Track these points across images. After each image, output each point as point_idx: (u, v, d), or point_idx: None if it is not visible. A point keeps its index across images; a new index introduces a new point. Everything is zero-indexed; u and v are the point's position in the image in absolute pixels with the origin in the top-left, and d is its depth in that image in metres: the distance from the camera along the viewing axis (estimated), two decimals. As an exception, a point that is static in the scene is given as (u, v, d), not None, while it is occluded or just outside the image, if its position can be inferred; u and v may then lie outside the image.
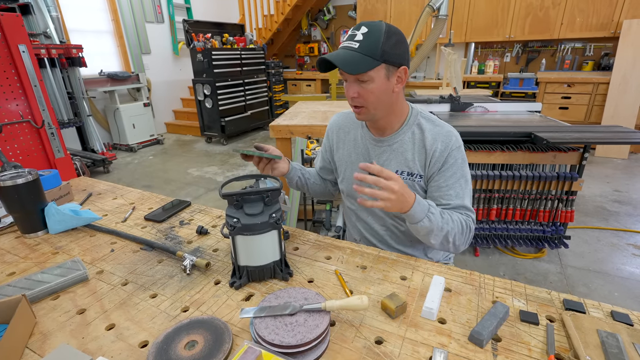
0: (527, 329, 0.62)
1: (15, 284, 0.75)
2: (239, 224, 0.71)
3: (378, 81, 0.83)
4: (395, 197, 0.75)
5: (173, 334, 0.61)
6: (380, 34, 0.80)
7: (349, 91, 0.87)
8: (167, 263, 0.85)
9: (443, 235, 0.83)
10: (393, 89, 0.87)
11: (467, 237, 0.88)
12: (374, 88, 0.84)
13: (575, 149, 1.85)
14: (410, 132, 0.95)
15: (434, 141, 0.91)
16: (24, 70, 2.08)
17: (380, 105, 0.88)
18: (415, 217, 0.80)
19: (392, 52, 0.81)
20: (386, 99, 0.87)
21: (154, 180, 3.70)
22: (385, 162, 0.98)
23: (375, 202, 0.75)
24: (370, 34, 0.80)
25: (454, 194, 0.89)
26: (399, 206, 0.77)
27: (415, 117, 0.96)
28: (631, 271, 1.98)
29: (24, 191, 0.94)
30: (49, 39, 3.55)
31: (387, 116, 0.93)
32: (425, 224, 0.80)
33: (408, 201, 0.78)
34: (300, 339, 0.56)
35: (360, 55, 0.80)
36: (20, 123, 2.14)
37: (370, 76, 0.82)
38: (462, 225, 0.86)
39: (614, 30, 3.93)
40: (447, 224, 0.83)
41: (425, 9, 2.96)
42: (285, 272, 0.78)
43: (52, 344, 0.62)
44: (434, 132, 0.93)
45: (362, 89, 0.84)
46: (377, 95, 0.85)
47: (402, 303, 0.66)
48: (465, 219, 0.87)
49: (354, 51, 0.80)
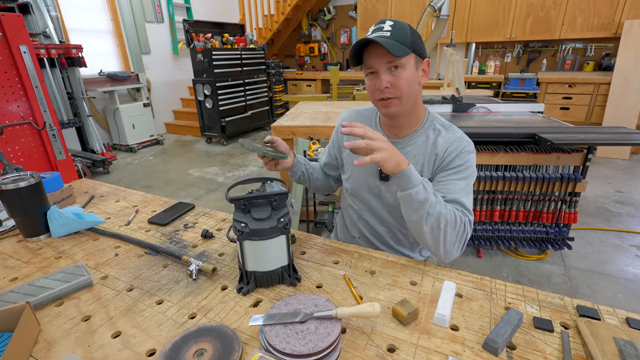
0: (541, 336, 0.61)
1: (18, 290, 0.74)
2: (247, 228, 0.70)
3: (409, 70, 0.83)
4: (387, 146, 0.75)
5: (181, 342, 0.59)
6: (406, 27, 0.83)
7: (381, 82, 0.84)
8: (172, 268, 0.84)
9: (435, 218, 0.78)
10: (419, 81, 0.88)
11: (461, 236, 0.81)
12: (406, 76, 0.83)
13: (579, 150, 1.85)
14: (424, 136, 0.94)
15: (446, 146, 0.90)
16: (25, 71, 2.06)
17: (411, 96, 0.87)
18: (412, 180, 0.77)
19: (418, 44, 0.84)
20: (415, 89, 0.87)
21: (154, 180, 3.68)
22: None
23: (374, 155, 0.73)
24: (397, 26, 0.82)
25: (453, 189, 0.85)
26: (395, 159, 0.75)
27: (431, 121, 0.95)
28: (635, 273, 1.98)
29: (26, 194, 0.93)
30: (48, 39, 3.53)
31: (410, 112, 0.92)
32: (420, 191, 0.77)
33: (402, 157, 0.78)
34: (312, 348, 0.54)
35: (396, 42, 0.79)
36: (21, 125, 2.12)
37: (403, 63, 0.82)
38: (455, 218, 0.80)
39: (615, 31, 3.93)
40: (442, 206, 0.79)
41: (427, 9, 2.95)
42: (294, 277, 0.77)
43: (57, 353, 0.60)
44: (447, 137, 0.91)
45: (395, 78, 0.83)
46: (410, 83, 0.84)
47: (414, 310, 0.65)
48: (461, 215, 0.81)
49: (388, 38, 0.80)
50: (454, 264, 2.11)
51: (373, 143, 0.74)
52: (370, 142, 0.74)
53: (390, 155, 0.75)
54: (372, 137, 0.75)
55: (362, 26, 5.36)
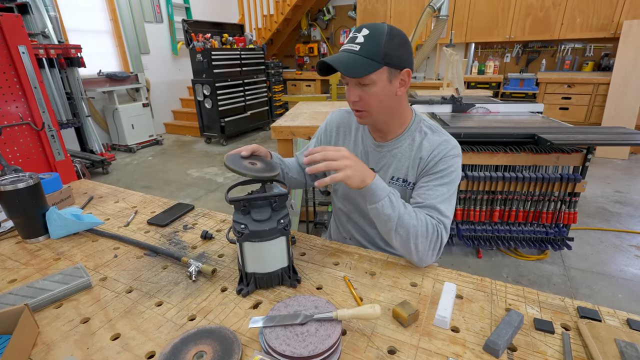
0: (542, 337, 0.61)
1: (17, 292, 0.73)
2: (247, 230, 0.70)
3: (380, 84, 0.81)
4: (351, 162, 0.74)
5: (181, 344, 0.59)
6: (382, 35, 0.78)
7: (350, 95, 0.84)
8: (172, 269, 0.84)
9: (404, 229, 0.77)
10: (396, 92, 0.85)
11: (434, 244, 0.79)
12: (376, 91, 0.81)
13: (579, 150, 1.85)
14: (410, 139, 0.93)
15: (431, 149, 0.88)
16: (23, 71, 2.06)
17: (383, 110, 0.86)
18: (377, 194, 0.77)
19: (394, 55, 0.79)
20: (389, 102, 0.85)
21: (153, 181, 3.68)
22: (383, 167, 0.96)
23: (335, 175, 0.72)
24: (371, 36, 0.78)
25: (432, 195, 0.84)
26: (359, 175, 0.75)
27: (417, 123, 0.94)
28: (634, 273, 1.98)
29: (25, 196, 0.93)
30: (47, 39, 3.52)
31: (389, 120, 0.91)
32: (386, 204, 0.77)
33: (368, 172, 0.77)
34: (312, 350, 0.54)
35: (361, 58, 0.78)
36: (20, 125, 2.12)
37: (372, 79, 0.80)
38: (427, 227, 0.79)
39: (614, 31, 3.93)
40: (411, 217, 0.78)
41: (426, 9, 2.95)
42: (294, 278, 0.76)
43: (55, 355, 0.60)
44: (432, 139, 0.90)
45: (364, 93, 0.82)
46: (380, 99, 0.83)
47: (415, 311, 0.65)
48: (435, 222, 0.80)
49: (354, 54, 0.79)
50: (454, 264, 2.11)
51: (333, 164, 0.73)
52: (329, 164, 0.73)
53: (353, 172, 0.74)
54: (333, 157, 0.74)
55: (361, 26, 5.35)
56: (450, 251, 2.23)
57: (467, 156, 1.93)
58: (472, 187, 1.97)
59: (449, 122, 2.16)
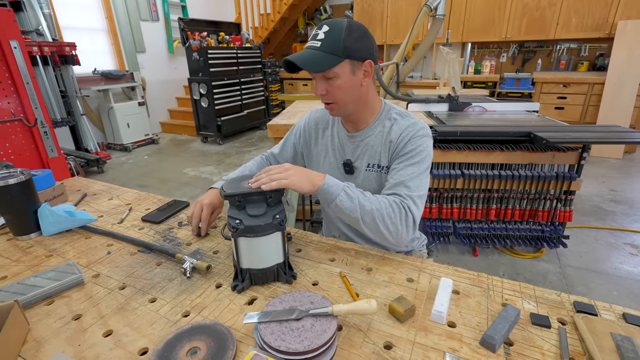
0: (539, 332, 0.61)
1: (7, 288, 0.72)
2: (242, 225, 0.69)
3: (344, 77, 0.85)
4: (293, 171, 0.77)
5: (174, 340, 0.58)
6: (341, 30, 0.81)
7: (317, 89, 0.89)
8: (166, 266, 0.83)
9: (369, 216, 0.80)
10: (361, 83, 0.88)
11: (404, 221, 0.81)
12: (340, 84, 0.85)
13: (574, 149, 1.85)
14: (381, 126, 0.96)
15: (399, 132, 0.92)
16: (15, 67, 2.03)
17: (350, 100, 0.89)
18: (332, 192, 0.79)
19: (354, 47, 0.83)
20: (355, 93, 0.89)
21: (149, 180, 3.65)
22: (358, 156, 1.00)
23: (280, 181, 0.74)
24: (331, 31, 0.82)
25: (402, 174, 0.87)
26: (306, 179, 0.78)
27: (387, 111, 0.98)
28: (629, 270, 1.99)
29: (16, 192, 0.91)
30: (41, 37, 3.49)
31: (359, 110, 0.95)
32: (344, 199, 0.79)
33: (315, 176, 0.80)
34: (307, 345, 0.53)
35: (323, 54, 0.82)
36: (12, 121, 2.09)
37: (335, 72, 0.83)
38: (392, 207, 0.81)
39: (609, 31, 3.96)
40: (371, 203, 0.81)
41: (423, 8, 2.96)
42: (289, 274, 0.76)
43: (46, 352, 0.59)
44: (401, 123, 0.94)
45: (330, 86, 0.86)
46: (345, 90, 0.87)
47: (411, 306, 0.64)
48: (399, 200, 0.83)
49: (316, 50, 0.82)
50: (450, 262, 2.11)
51: (276, 175, 0.75)
52: (272, 176, 0.75)
53: (298, 178, 0.77)
54: (277, 171, 0.77)
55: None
56: (447, 249, 2.23)
57: (463, 154, 1.93)
58: (468, 185, 1.97)
59: (446, 121, 2.16)
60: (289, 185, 0.75)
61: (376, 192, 0.89)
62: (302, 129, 1.14)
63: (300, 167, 0.81)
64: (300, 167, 0.81)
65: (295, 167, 0.80)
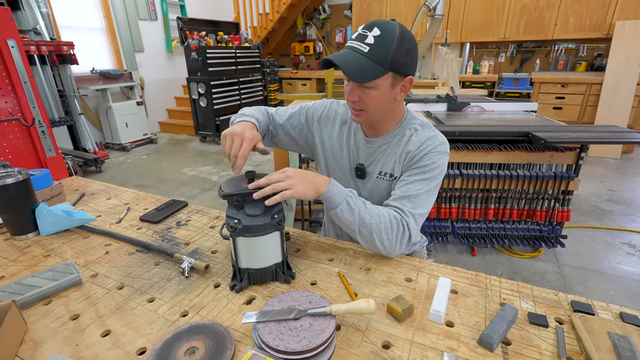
0: (536, 331, 0.61)
1: (4, 288, 0.72)
2: (240, 225, 0.69)
3: (382, 89, 0.80)
4: (296, 179, 0.74)
5: (172, 340, 0.58)
6: (393, 39, 0.75)
7: (350, 95, 0.83)
8: (164, 265, 0.83)
9: (367, 229, 0.79)
10: (395, 97, 0.84)
11: (400, 238, 0.80)
12: (376, 95, 0.81)
13: (572, 149, 1.86)
14: (400, 135, 0.93)
15: (418, 144, 0.88)
16: (13, 66, 2.02)
17: (380, 111, 0.86)
18: (334, 200, 0.78)
19: (401, 61, 0.77)
20: (387, 105, 0.85)
21: (147, 179, 3.65)
22: (372, 162, 0.97)
23: (284, 192, 0.72)
24: (382, 38, 0.75)
25: (410, 188, 0.84)
26: (311, 187, 0.76)
27: (409, 120, 0.94)
28: (626, 270, 2.00)
29: (14, 191, 0.91)
30: (38, 36, 3.47)
31: (384, 120, 0.92)
32: (344, 209, 0.78)
33: (320, 181, 0.78)
34: (306, 345, 0.53)
35: (369, 62, 0.76)
36: (9, 121, 2.08)
37: (375, 83, 0.78)
38: (391, 223, 0.79)
39: (607, 32, 3.98)
40: (372, 216, 0.79)
41: (421, 8, 2.95)
42: (288, 274, 0.76)
43: (44, 352, 0.59)
44: (421, 134, 0.90)
45: (365, 94, 0.81)
46: (379, 102, 0.82)
47: (409, 306, 0.64)
48: (400, 216, 0.81)
49: (363, 55, 0.76)
50: (448, 262, 2.12)
51: (278, 185, 0.72)
52: (275, 186, 0.72)
53: (302, 187, 0.74)
54: (278, 178, 0.74)
55: (357, 25, 5.36)
56: (445, 249, 2.23)
57: (461, 154, 1.94)
58: (466, 185, 1.98)
59: (444, 121, 2.17)
60: (293, 196, 0.72)
61: (384, 199, 0.88)
62: (320, 114, 1.04)
63: (302, 172, 0.77)
64: (302, 172, 0.77)
65: (298, 172, 0.76)
